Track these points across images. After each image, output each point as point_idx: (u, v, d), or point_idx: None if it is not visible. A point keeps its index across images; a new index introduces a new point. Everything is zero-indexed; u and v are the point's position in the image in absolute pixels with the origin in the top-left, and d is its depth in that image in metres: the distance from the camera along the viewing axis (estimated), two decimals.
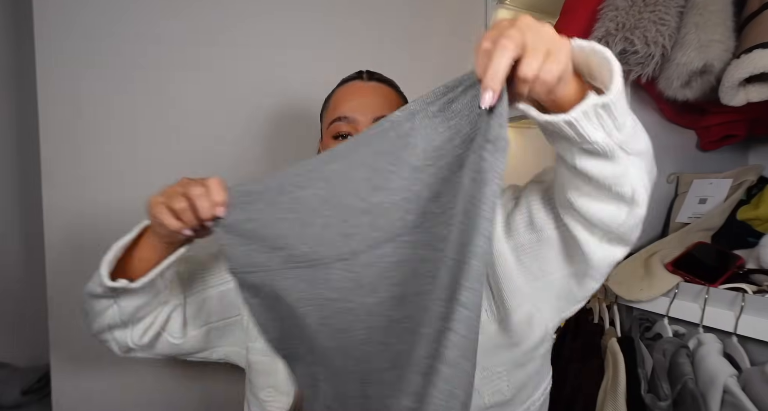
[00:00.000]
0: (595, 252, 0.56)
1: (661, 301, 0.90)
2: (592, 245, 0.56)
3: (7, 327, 1.32)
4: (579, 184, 0.52)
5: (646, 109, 1.06)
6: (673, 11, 0.89)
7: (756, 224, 0.95)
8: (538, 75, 0.42)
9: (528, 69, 0.42)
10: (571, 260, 0.60)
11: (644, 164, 0.52)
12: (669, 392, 0.78)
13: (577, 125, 0.45)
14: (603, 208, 0.53)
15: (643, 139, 0.51)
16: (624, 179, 0.50)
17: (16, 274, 1.33)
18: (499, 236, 0.63)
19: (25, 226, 1.33)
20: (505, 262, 0.63)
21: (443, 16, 1.38)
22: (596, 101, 0.44)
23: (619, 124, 0.46)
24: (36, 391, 1.22)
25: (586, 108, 0.44)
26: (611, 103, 0.44)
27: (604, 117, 0.45)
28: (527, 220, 0.62)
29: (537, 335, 0.65)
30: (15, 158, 1.33)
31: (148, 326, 0.70)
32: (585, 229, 0.56)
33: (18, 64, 1.30)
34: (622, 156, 0.48)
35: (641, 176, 0.51)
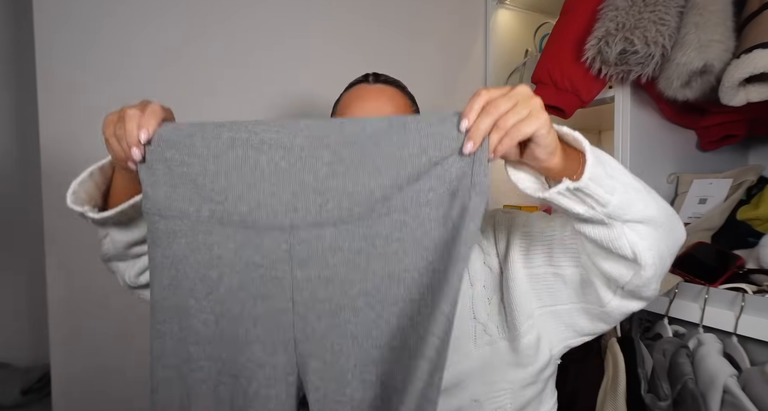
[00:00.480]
0: (610, 302, 0.59)
1: (661, 301, 0.90)
2: (606, 294, 0.59)
3: (7, 327, 1.32)
4: (584, 241, 0.56)
5: (646, 109, 1.06)
6: (673, 11, 0.89)
7: (756, 224, 0.95)
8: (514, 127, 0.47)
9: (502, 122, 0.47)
10: (585, 298, 0.63)
11: (651, 230, 0.54)
12: (669, 392, 0.78)
13: (555, 202, 0.51)
14: (610, 265, 0.56)
15: (646, 207, 0.53)
16: (620, 243, 0.52)
17: (16, 274, 1.33)
18: (516, 262, 0.66)
19: (25, 226, 1.33)
20: (519, 287, 0.65)
21: (443, 16, 1.39)
22: (568, 185, 0.49)
23: (603, 201, 0.49)
24: (36, 391, 1.22)
25: (559, 190, 0.49)
26: (583, 187, 0.48)
27: (582, 196, 0.50)
28: (547, 253, 0.64)
29: (543, 359, 0.67)
30: (15, 157, 1.33)
31: (144, 268, 0.69)
32: (600, 280, 0.59)
33: (18, 63, 1.30)
34: (615, 223, 0.52)
35: (647, 240, 0.53)
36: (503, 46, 1.48)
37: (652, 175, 1.09)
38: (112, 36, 1.00)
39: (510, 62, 1.48)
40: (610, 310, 0.60)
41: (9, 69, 1.31)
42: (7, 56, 1.31)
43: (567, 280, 0.63)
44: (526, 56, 1.43)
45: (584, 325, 0.65)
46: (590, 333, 0.66)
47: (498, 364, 0.67)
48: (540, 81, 1.10)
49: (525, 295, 0.65)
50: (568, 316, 0.65)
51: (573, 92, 1.05)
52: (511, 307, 0.65)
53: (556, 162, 0.50)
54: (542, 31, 1.39)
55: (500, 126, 0.48)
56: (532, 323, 0.65)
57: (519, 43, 1.50)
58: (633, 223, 0.53)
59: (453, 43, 1.40)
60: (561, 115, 1.09)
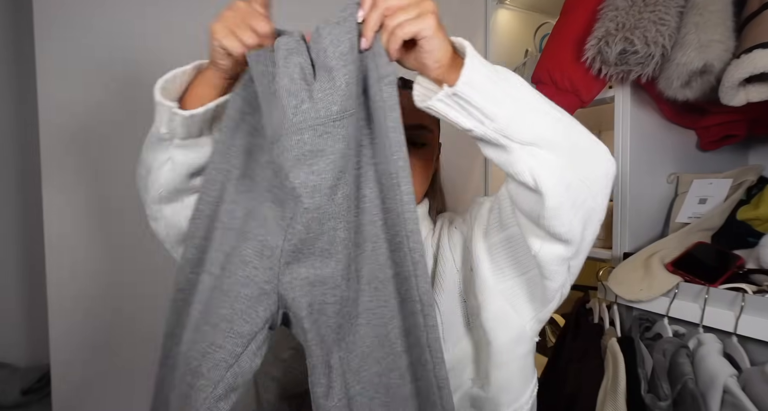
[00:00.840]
0: (533, 246, 0.57)
1: (661, 301, 0.90)
2: (532, 241, 0.57)
3: (7, 327, 1.32)
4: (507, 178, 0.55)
5: (646, 109, 1.06)
6: (673, 11, 0.89)
7: (756, 224, 0.95)
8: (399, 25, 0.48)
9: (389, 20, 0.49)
10: (527, 263, 0.62)
11: (552, 155, 0.51)
12: (669, 392, 0.78)
13: (440, 112, 0.50)
14: (521, 198, 0.55)
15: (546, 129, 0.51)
16: (518, 167, 0.50)
17: (16, 274, 1.33)
18: (477, 238, 0.66)
19: (25, 226, 1.33)
20: (480, 263, 0.65)
21: (443, 16, 1.38)
22: (447, 91, 0.47)
23: (490, 114, 0.48)
24: (36, 391, 1.22)
25: (439, 96, 0.48)
26: (461, 93, 0.47)
27: (465, 106, 0.48)
28: (498, 220, 0.64)
29: (511, 334, 0.66)
30: (15, 158, 1.33)
31: None
32: (525, 223, 0.57)
33: (18, 63, 1.30)
34: (513, 145, 0.50)
35: (547, 166, 0.50)
36: (503, 46, 1.48)
37: (652, 175, 1.09)
38: (113, 35, 1.00)
39: (510, 62, 1.48)
40: (541, 259, 0.57)
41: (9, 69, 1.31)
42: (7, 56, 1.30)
43: (513, 244, 0.62)
44: (526, 56, 1.43)
45: (540, 292, 0.63)
46: (549, 299, 0.64)
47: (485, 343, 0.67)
48: (540, 81, 1.10)
49: (485, 270, 0.65)
50: (528, 288, 0.64)
51: (573, 92, 1.05)
52: (474, 281, 0.66)
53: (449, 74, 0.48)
54: (542, 31, 1.39)
55: (386, 24, 0.49)
56: (493, 295, 0.65)
57: (519, 43, 1.50)
58: (531, 147, 0.50)
59: None
60: None
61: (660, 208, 1.10)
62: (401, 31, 0.48)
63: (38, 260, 0.99)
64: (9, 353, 1.31)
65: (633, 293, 0.92)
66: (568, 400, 0.95)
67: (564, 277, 0.61)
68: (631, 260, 0.98)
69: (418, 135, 0.71)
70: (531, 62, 1.36)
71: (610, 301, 1.00)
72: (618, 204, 1.07)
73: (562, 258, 0.58)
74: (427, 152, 0.73)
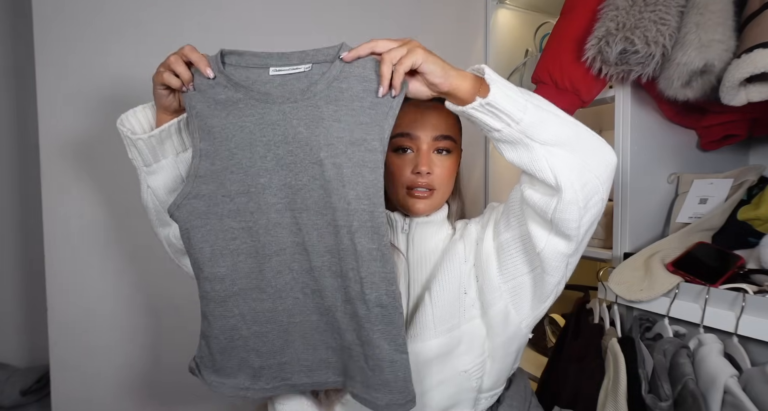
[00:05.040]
0: (539, 243, 0.65)
1: (662, 302, 0.89)
2: (538, 237, 0.65)
3: (7, 327, 1.32)
4: (522, 176, 0.66)
5: (647, 109, 1.06)
6: (673, 11, 0.89)
7: (756, 224, 0.95)
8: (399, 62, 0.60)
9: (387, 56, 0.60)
10: (532, 260, 0.70)
11: (568, 153, 0.61)
12: (670, 392, 0.78)
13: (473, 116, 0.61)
14: (538, 195, 0.63)
15: (561, 129, 0.61)
16: (540, 164, 0.60)
17: (16, 274, 1.33)
18: (488, 238, 0.75)
19: (25, 227, 1.33)
20: (489, 264, 0.73)
21: (443, 16, 1.39)
22: (480, 101, 0.59)
23: (516, 117, 0.59)
24: (35, 392, 1.22)
25: (473, 105, 0.59)
26: (493, 102, 0.58)
27: (495, 112, 0.59)
28: (506, 221, 0.72)
29: (511, 330, 0.74)
30: (15, 159, 1.33)
31: None
32: (534, 222, 0.66)
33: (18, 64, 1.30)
34: (534, 145, 0.60)
35: (565, 163, 0.60)
36: (503, 46, 1.48)
37: (652, 175, 1.09)
38: (113, 35, 0.99)
39: (510, 62, 1.48)
40: (545, 254, 0.66)
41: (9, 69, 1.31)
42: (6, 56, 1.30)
43: (520, 242, 0.70)
44: (526, 56, 1.43)
45: (541, 288, 0.70)
46: (547, 295, 0.71)
47: (480, 337, 0.74)
48: (540, 81, 1.10)
49: (495, 271, 0.73)
50: (530, 286, 0.71)
51: (573, 92, 1.04)
52: (485, 282, 0.73)
53: (457, 83, 0.61)
54: (542, 31, 1.39)
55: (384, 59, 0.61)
56: (499, 295, 0.72)
57: (519, 43, 1.50)
58: (550, 146, 0.60)
59: (453, 42, 1.40)
60: None
61: (660, 208, 1.10)
62: (401, 66, 0.60)
63: (38, 260, 0.99)
64: (8, 354, 1.31)
65: (633, 293, 0.92)
66: (568, 400, 0.95)
67: (562, 274, 0.69)
68: (632, 260, 0.98)
69: (445, 145, 0.78)
70: (531, 62, 1.36)
71: (610, 301, 1.00)
72: (618, 204, 1.06)
73: (564, 254, 0.66)
74: (452, 159, 0.79)
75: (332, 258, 0.65)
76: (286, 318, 0.68)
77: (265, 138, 0.63)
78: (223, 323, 0.67)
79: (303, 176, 0.63)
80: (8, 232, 1.32)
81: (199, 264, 0.66)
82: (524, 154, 0.61)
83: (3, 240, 1.32)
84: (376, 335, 0.64)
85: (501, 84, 0.59)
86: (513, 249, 0.71)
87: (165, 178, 0.72)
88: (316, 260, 0.65)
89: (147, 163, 0.71)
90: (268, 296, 0.67)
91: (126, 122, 0.69)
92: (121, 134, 0.69)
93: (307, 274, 0.66)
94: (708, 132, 1.08)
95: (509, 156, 0.63)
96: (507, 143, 0.62)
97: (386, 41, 0.62)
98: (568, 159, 0.60)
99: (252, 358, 0.69)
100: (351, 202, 0.62)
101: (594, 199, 0.62)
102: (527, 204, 0.65)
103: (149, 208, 0.74)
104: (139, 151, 0.70)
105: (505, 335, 0.74)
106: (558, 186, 0.59)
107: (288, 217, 0.65)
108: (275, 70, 0.65)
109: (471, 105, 0.60)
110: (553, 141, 0.60)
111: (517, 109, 0.59)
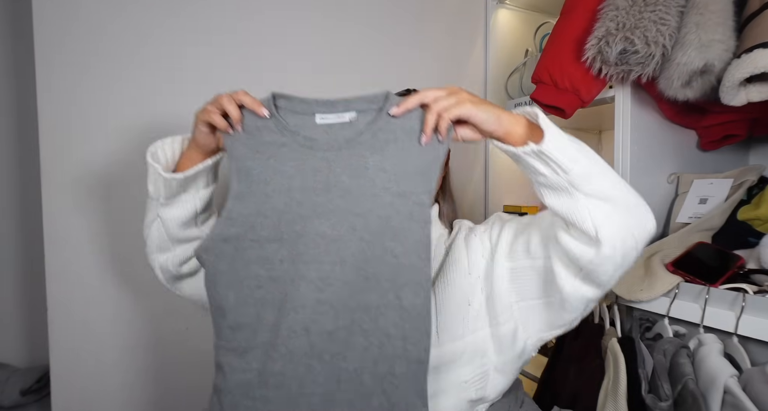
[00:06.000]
0: (565, 286, 0.64)
1: (662, 302, 0.89)
2: (564, 279, 0.64)
3: (6, 327, 1.32)
4: (557, 219, 0.64)
5: (647, 109, 1.06)
6: (673, 11, 0.89)
7: (756, 224, 0.95)
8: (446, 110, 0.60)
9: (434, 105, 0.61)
10: (549, 290, 0.68)
11: (612, 209, 0.59)
12: (670, 392, 0.77)
13: (523, 159, 0.60)
14: (575, 243, 0.61)
15: (609, 186, 0.60)
16: (581, 214, 0.59)
17: (16, 274, 1.33)
18: (500, 258, 0.73)
19: (25, 226, 1.33)
20: (501, 283, 0.72)
21: (443, 16, 1.38)
22: (533, 147, 0.58)
23: (566, 167, 0.58)
24: (35, 392, 1.22)
25: (525, 150, 0.59)
26: (545, 151, 0.58)
27: (546, 159, 0.58)
28: (525, 247, 0.70)
29: (518, 349, 0.73)
30: (15, 158, 1.33)
31: (188, 256, 0.75)
32: (562, 263, 0.64)
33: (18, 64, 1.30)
34: (578, 195, 0.59)
35: (608, 218, 0.59)
36: (503, 46, 1.48)
37: (652, 175, 1.09)
38: (113, 35, 0.99)
39: (510, 62, 1.48)
40: (567, 295, 0.65)
41: (9, 69, 1.31)
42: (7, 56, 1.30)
43: (539, 272, 0.68)
44: (526, 56, 1.43)
45: (554, 319, 0.70)
46: (560, 325, 0.70)
47: (483, 350, 0.72)
48: (540, 81, 1.10)
49: (507, 290, 0.72)
50: (540, 312, 0.71)
51: (573, 92, 1.04)
52: (494, 298, 0.72)
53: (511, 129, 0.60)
54: (542, 31, 1.39)
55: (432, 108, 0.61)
56: (510, 314, 0.72)
57: (519, 43, 1.50)
58: (595, 199, 0.59)
59: (453, 42, 1.40)
60: (561, 114, 1.09)
61: (660, 208, 1.10)
62: (447, 114, 0.60)
63: (38, 260, 0.99)
64: (8, 353, 1.31)
65: (633, 293, 0.91)
66: (568, 400, 0.95)
67: (580, 313, 0.68)
68: None
69: None
70: (531, 62, 1.36)
71: (610, 301, 1.00)
72: None
73: (589, 299, 0.66)
74: None
75: (365, 315, 0.60)
76: (296, 387, 0.61)
77: (304, 184, 0.62)
78: (240, 378, 0.62)
79: (341, 226, 0.61)
80: (8, 232, 1.32)
81: (223, 311, 0.62)
82: (566, 202, 0.60)
83: (3, 240, 1.32)
84: (410, 392, 0.60)
85: (556, 132, 0.59)
86: (530, 276, 0.70)
87: (181, 211, 0.71)
88: (344, 319, 0.60)
89: (167, 196, 0.70)
90: (280, 356, 0.61)
91: (156, 156, 0.68)
92: (150, 168, 0.68)
93: (326, 336, 0.61)
94: (708, 132, 1.08)
95: (549, 201, 0.62)
96: (550, 188, 0.61)
97: (434, 91, 0.62)
98: (610, 214, 0.59)
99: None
100: (398, 257, 0.60)
101: (629, 258, 0.62)
102: (560, 245, 0.63)
103: (152, 236, 0.73)
104: (165, 187, 0.68)
105: (514, 352, 0.73)
106: (597, 239, 0.59)
107: (314, 271, 0.61)
108: (321, 118, 0.64)
109: (522, 149, 0.59)
110: (598, 194, 0.59)
111: (568, 159, 0.58)
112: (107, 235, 1.01)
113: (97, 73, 0.98)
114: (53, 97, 0.95)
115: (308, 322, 0.60)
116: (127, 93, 1.01)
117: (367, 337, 0.61)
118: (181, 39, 1.05)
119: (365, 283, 0.60)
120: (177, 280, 0.78)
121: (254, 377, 0.62)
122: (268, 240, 0.62)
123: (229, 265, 0.62)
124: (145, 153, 0.68)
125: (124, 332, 1.02)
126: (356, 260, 0.60)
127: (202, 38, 1.07)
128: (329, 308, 0.60)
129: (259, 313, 0.62)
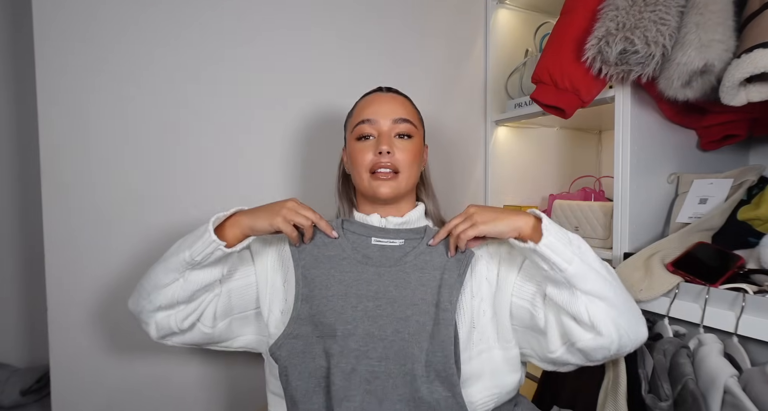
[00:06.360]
0: (556, 352, 0.71)
1: (662, 302, 0.89)
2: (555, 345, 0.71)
3: (6, 327, 1.32)
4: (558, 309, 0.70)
5: (647, 109, 1.06)
6: (673, 11, 0.89)
7: (756, 224, 0.95)
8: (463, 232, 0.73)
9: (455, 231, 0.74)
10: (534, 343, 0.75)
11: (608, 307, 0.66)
12: (670, 392, 0.77)
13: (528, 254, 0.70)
14: (574, 325, 0.68)
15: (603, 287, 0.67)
16: (578, 308, 0.66)
17: (16, 275, 1.33)
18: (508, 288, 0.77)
19: (25, 227, 1.33)
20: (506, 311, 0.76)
21: (443, 16, 1.39)
22: (529, 246, 0.67)
23: (560, 267, 0.65)
24: (35, 392, 1.22)
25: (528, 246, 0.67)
26: (540, 251, 0.66)
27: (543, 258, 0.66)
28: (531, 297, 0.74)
29: (523, 371, 0.80)
30: (15, 158, 1.33)
31: (192, 310, 0.76)
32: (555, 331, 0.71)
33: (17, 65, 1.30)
34: (576, 291, 0.66)
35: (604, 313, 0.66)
36: (503, 46, 1.48)
37: (652, 175, 1.09)
38: (113, 36, 0.99)
39: (510, 62, 1.48)
40: (555, 357, 0.71)
41: (8, 70, 1.31)
42: (6, 57, 1.30)
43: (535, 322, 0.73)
44: (526, 56, 1.43)
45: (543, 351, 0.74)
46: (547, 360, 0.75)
47: (492, 370, 0.75)
48: (540, 81, 1.10)
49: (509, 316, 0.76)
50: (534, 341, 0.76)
51: (573, 92, 1.05)
52: (502, 323, 0.77)
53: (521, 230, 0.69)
54: (542, 31, 1.39)
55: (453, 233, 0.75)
56: (513, 336, 0.77)
57: (519, 43, 1.50)
58: (591, 297, 0.66)
59: (453, 42, 1.40)
60: (561, 114, 1.09)
61: (660, 208, 1.10)
62: (464, 235, 0.72)
63: (38, 260, 0.99)
64: (8, 353, 1.31)
65: (633, 293, 0.91)
66: (568, 400, 0.95)
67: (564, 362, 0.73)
68: (632, 260, 0.98)
69: (405, 129, 0.84)
70: (531, 62, 1.36)
71: None
72: (618, 204, 1.06)
73: (573, 365, 0.73)
74: (414, 144, 0.84)
75: (404, 406, 0.69)
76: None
77: (359, 291, 0.74)
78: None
79: (387, 328, 0.72)
80: (8, 232, 1.32)
81: (295, 401, 0.71)
82: (565, 295, 0.67)
83: (3, 240, 1.32)
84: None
85: (552, 235, 0.66)
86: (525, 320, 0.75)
87: (208, 276, 0.74)
88: (387, 409, 0.69)
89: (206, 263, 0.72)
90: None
91: None
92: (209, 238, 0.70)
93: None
94: (708, 132, 1.08)
95: (550, 291, 0.69)
96: (551, 281, 0.68)
97: (454, 220, 0.75)
98: (608, 311, 0.66)
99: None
100: (429, 354, 0.70)
101: (621, 352, 0.69)
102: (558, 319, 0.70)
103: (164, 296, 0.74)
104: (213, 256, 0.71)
105: (519, 374, 0.79)
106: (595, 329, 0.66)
107: (365, 365, 0.70)
108: (376, 240, 0.80)
109: (526, 245, 0.68)
110: (594, 293, 0.66)
111: (563, 260, 0.65)
112: (107, 236, 1.01)
113: (97, 73, 0.98)
114: (53, 98, 0.95)
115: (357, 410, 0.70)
116: (128, 93, 1.01)
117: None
118: (181, 39, 1.05)
119: (405, 377, 0.70)
120: (172, 336, 0.79)
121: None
122: (327, 336, 0.72)
123: (299, 359, 0.72)
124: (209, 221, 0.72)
125: (124, 333, 1.02)
126: (398, 357, 0.71)
127: (202, 38, 1.07)
128: (374, 398, 0.70)
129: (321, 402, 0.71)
